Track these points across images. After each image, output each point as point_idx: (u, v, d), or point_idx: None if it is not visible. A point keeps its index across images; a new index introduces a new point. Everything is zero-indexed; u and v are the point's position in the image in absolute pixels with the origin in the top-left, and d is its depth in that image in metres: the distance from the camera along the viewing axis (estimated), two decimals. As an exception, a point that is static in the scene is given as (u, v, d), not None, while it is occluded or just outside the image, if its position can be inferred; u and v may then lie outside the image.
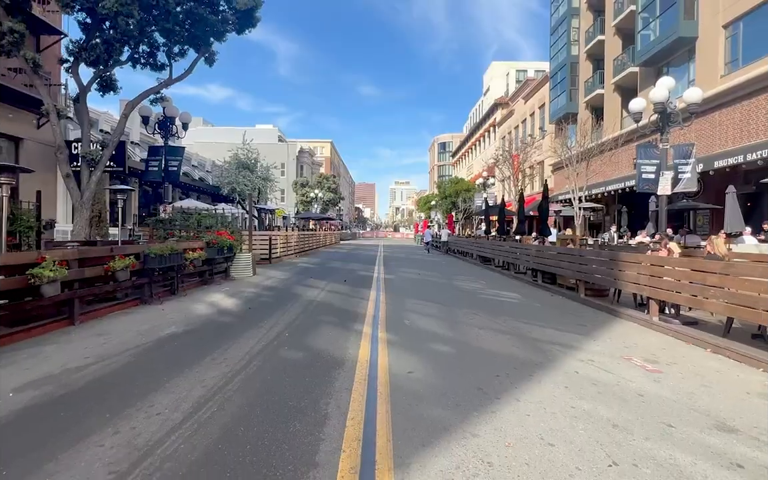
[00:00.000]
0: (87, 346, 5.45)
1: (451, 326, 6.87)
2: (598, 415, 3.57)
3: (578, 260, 10.00)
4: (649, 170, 12.52)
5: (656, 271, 7.14)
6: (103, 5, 10.84)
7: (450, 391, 4.06)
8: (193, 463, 2.74)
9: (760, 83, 14.86)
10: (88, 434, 3.10)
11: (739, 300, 5.50)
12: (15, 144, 16.03)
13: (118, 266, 7.38)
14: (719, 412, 3.68)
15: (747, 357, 5.20)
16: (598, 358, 5.24)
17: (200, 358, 4.92)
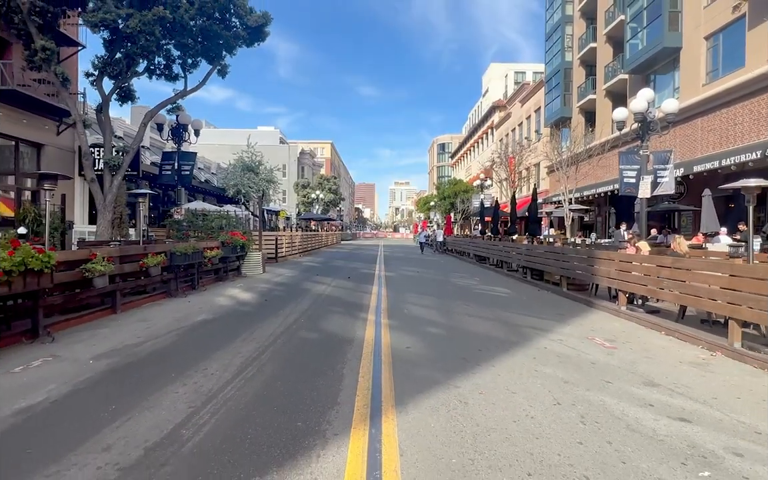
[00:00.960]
0: (135, 329, 6.44)
1: (444, 314, 7.87)
2: (554, 375, 4.57)
3: (561, 258, 11.00)
4: (630, 175, 13.53)
5: (624, 266, 8.15)
6: (128, 25, 11.84)
7: (439, 359, 5.06)
8: (247, 402, 3.73)
9: (737, 93, 15.87)
10: (163, 386, 4.09)
11: (686, 290, 6.49)
12: (37, 150, 17.03)
13: (151, 263, 8.38)
14: (650, 374, 4.68)
15: (691, 337, 6.19)
16: (566, 338, 6.24)
17: (233, 338, 5.91)
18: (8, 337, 5.52)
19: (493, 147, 44.44)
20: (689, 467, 2.79)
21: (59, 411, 3.56)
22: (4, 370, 4.53)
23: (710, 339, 5.90)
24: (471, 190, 43.10)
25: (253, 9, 14.16)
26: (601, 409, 3.72)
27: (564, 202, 18.65)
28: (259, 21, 13.96)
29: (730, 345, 5.48)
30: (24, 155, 16.68)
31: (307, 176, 63.27)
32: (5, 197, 16.12)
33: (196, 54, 14.50)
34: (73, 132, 18.25)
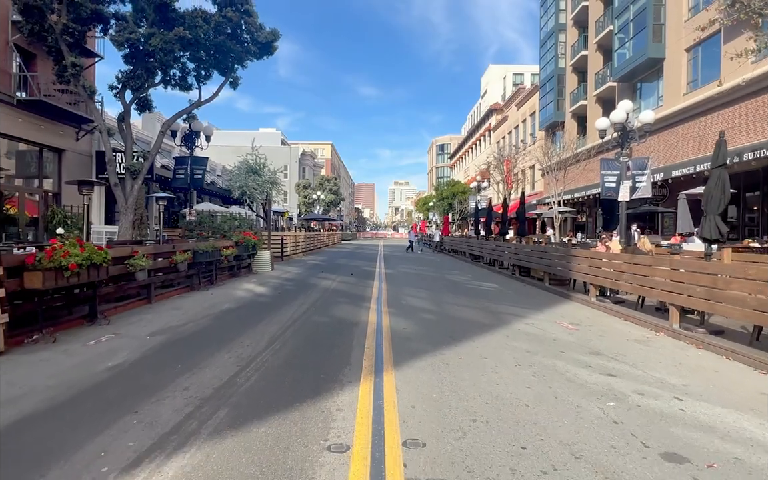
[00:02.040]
0: (173, 315, 7.59)
1: (437, 304, 9.02)
2: (520, 348, 5.72)
3: (544, 256, 12.15)
4: (611, 180, 14.72)
5: (594, 263, 9.30)
6: (150, 43, 12.97)
7: (429, 336, 6.21)
8: (280, 364, 4.87)
9: (713, 103, 17.05)
10: (212, 354, 5.23)
11: (642, 282, 7.64)
12: (58, 155, 18.18)
13: (179, 259, 9.53)
14: (599, 347, 5.83)
15: (644, 321, 7.34)
16: (538, 322, 7.39)
17: (257, 322, 7.06)
18: (71, 321, 6.66)
19: (491, 149, 45.58)
20: (602, 400, 3.94)
21: (140, 367, 4.72)
22: (81, 343, 5.67)
23: (657, 322, 7.05)
24: (468, 192, 44.26)
25: (263, 25, 15.29)
26: (551, 368, 4.87)
27: (553, 204, 19.80)
28: (269, 37, 15.09)
29: (671, 326, 6.64)
30: (47, 160, 17.82)
31: (308, 177, 64.38)
32: (29, 200, 17.25)
33: (209, 66, 15.60)
34: (90, 138, 19.42)
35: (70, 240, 6.30)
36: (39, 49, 15.96)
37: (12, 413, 3.52)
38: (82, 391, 4.02)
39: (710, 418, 3.60)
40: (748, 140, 15.42)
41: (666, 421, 3.53)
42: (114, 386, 4.17)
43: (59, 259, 5.77)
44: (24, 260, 5.60)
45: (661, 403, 3.92)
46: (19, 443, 3.05)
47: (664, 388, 4.32)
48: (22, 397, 3.84)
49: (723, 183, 6.29)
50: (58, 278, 5.79)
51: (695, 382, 4.52)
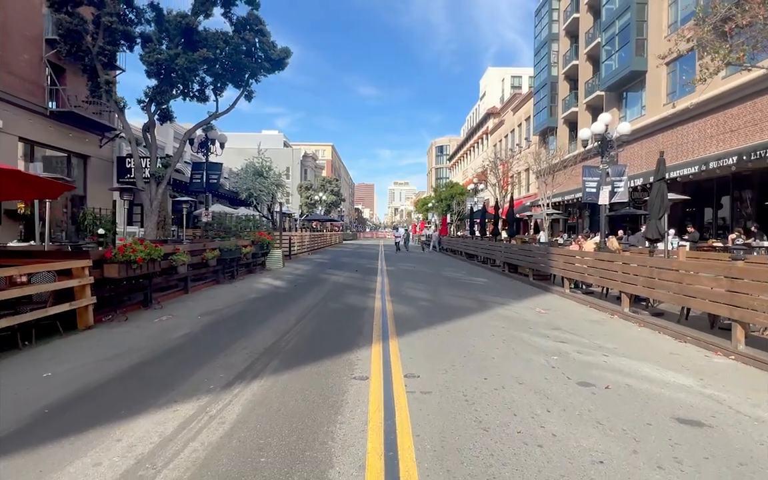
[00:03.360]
0: (209, 302, 9.05)
1: (432, 295, 10.50)
2: (497, 325, 7.18)
3: (529, 254, 13.63)
4: (592, 185, 16.14)
5: (568, 260, 10.78)
6: (176, 63, 14.42)
7: (425, 317, 7.68)
8: (308, 335, 6.34)
9: (688, 114, 18.54)
10: (253, 328, 6.70)
11: (603, 275, 9.11)
12: (84, 160, 19.62)
13: (209, 256, 10.99)
14: (560, 325, 7.30)
15: (604, 307, 8.81)
16: (516, 308, 8.86)
17: (282, 307, 8.53)
18: (132, 305, 8.12)
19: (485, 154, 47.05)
20: (548, 356, 5.40)
21: (203, 336, 6.19)
22: (148, 321, 7.14)
23: (614, 308, 8.53)
24: (466, 193, 45.74)
25: (275, 43, 16.77)
26: (517, 338, 6.34)
27: (542, 206, 21.28)
28: (281, 54, 16.56)
29: (623, 310, 8.11)
30: (74, 166, 19.27)
31: (310, 178, 65.82)
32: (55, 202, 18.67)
33: (225, 80, 17.06)
34: (111, 145, 20.87)
35: (134, 239, 7.76)
36: (68, 64, 17.44)
37: (130, 360, 4.99)
38: (169, 350, 5.49)
39: (622, 366, 5.07)
40: (718, 149, 16.90)
41: (590, 367, 5.01)
42: (191, 347, 5.64)
43: (129, 254, 7.23)
44: (104, 255, 7.07)
45: (592, 358, 5.39)
46: (146, 375, 4.52)
47: (598, 349, 5.79)
48: (129, 352, 5.31)
49: (662, 194, 7.77)
50: (128, 270, 7.26)
51: (624, 346, 6.00)
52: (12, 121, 15.53)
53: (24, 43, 16.03)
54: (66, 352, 5.32)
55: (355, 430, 3.29)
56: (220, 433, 3.23)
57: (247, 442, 3.10)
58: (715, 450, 3.10)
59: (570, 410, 3.74)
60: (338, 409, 3.69)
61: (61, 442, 3.08)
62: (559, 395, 4.09)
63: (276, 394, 4.03)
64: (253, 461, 2.84)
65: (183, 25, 14.40)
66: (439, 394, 4.07)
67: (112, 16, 13.55)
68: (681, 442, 3.20)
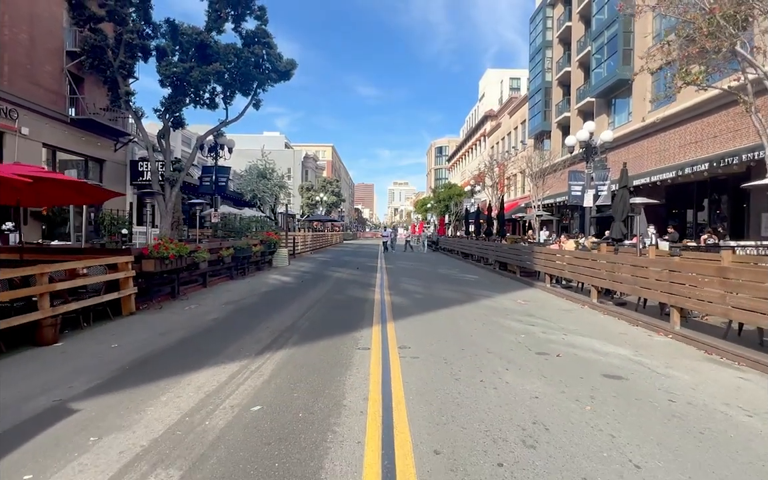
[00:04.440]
0: (228, 294, 10.20)
1: (427, 288, 11.66)
2: (480, 313, 8.34)
3: (517, 253, 14.79)
4: (577, 189, 17.31)
5: (549, 258, 11.94)
6: (191, 75, 15.57)
7: (418, 306, 8.84)
8: (319, 319, 7.50)
9: (669, 122, 19.70)
10: (271, 314, 7.85)
11: (577, 271, 10.26)
12: (99, 164, 20.76)
13: (225, 254, 12.14)
14: (534, 313, 8.46)
15: (576, 299, 9.97)
16: (500, 300, 10.03)
17: (293, 299, 9.68)
18: (161, 296, 9.27)
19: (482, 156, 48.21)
20: (517, 335, 6.56)
21: (231, 319, 7.34)
22: (180, 309, 8.30)
23: (585, 299, 9.69)
24: (464, 194, 46.92)
25: (281, 55, 17.91)
26: (495, 322, 7.50)
27: (533, 208, 22.46)
28: (287, 66, 17.72)
29: (591, 301, 9.28)
30: (90, 169, 20.41)
31: (311, 179, 66.95)
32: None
33: (234, 90, 18.21)
34: (124, 149, 22.01)
35: (165, 238, 8.91)
36: (86, 74, 18.56)
37: (176, 336, 6.15)
38: (205, 329, 6.65)
39: (576, 342, 6.23)
40: (696, 155, 18.06)
41: (549, 342, 6.17)
42: (222, 327, 6.80)
43: (163, 251, 8.39)
44: (142, 251, 8.22)
45: (554, 336, 6.56)
46: (193, 346, 5.68)
47: (561, 330, 6.96)
48: (174, 330, 6.48)
49: (624, 199, 8.94)
50: (161, 265, 8.42)
51: (583, 329, 7.16)
52: (36, 128, 16.67)
53: (47, 55, 17.16)
54: (122, 331, 6.47)
55: (361, 379, 4.45)
56: (261, 380, 4.39)
57: (283, 385, 4.26)
58: (623, 392, 4.26)
59: (524, 369, 4.90)
60: (347, 366, 4.85)
61: (147, 385, 4.24)
62: (519, 360, 5.25)
63: (299, 357, 5.19)
64: (288, 395, 4.00)
65: (197, 41, 15.55)
66: (425, 358, 5.23)
67: (133, 33, 14.69)
68: (599, 387, 4.37)
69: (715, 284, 5.80)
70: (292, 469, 2.76)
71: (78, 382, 4.30)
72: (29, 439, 3.11)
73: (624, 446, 3.14)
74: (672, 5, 10.06)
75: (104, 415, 3.52)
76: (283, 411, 3.64)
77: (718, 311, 5.79)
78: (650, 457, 2.99)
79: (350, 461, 2.86)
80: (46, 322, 5.60)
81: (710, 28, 8.84)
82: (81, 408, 3.67)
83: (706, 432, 3.42)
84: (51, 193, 6.91)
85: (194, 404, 3.78)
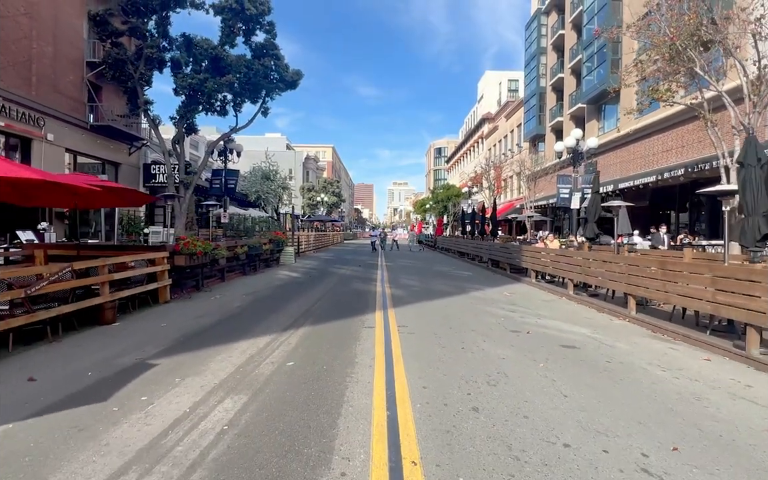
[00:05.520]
0: (245, 287, 11.40)
1: (423, 283, 12.88)
2: (469, 302, 9.56)
3: (507, 252, 16.02)
4: (565, 191, 18.54)
5: (534, 255, 13.17)
6: (205, 86, 16.77)
7: (415, 297, 10.05)
8: (328, 306, 8.71)
9: (651, 129, 20.96)
10: (285, 303, 9.06)
11: (558, 267, 11.48)
12: (115, 167, 21.93)
13: (240, 251, 13.34)
14: (517, 302, 9.67)
15: (556, 292, 11.18)
16: (488, 292, 11.24)
17: (303, 291, 10.89)
18: (187, 289, 10.46)
19: (481, 157, 49.42)
20: (498, 318, 7.77)
21: (254, 306, 8.55)
22: (206, 299, 9.50)
23: (563, 292, 10.91)
24: (461, 195, 48.15)
25: (288, 66, 19.13)
26: (481, 309, 8.71)
27: (526, 209, 23.70)
28: (294, 76, 18.94)
29: (568, 293, 10.50)
30: (107, 172, 21.58)
31: (312, 180, 68.15)
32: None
33: (244, 98, 19.41)
34: (138, 153, 23.17)
35: (193, 237, 10.11)
36: (104, 83, 19.74)
37: (211, 319, 7.36)
38: (233, 314, 7.86)
39: (546, 323, 7.45)
40: (677, 160, 19.29)
41: (524, 324, 7.38)
42: (248, 312, 8.01)
43: (192, 248, 9.59)
44: (174, 248, 9.43)
45: (529, 319, 7.77)
46: (228, 326, 6.89)
47: (537, 315, 8.17)
48: (208, 314, 7.68)
49: (596, 203, 10.15)
50: (190, 260, 9.62)
51: (555, 314, 8.38)
52: (60, 134, 17.85)
53: (70, 66, 18.34)
54: (163, 314, 7.68)
55: (368, 347, 5.66)
56: (290, 347, 5.61)
57: (307, 350, 5.48)
58: (572, 356, 5.47)
59: (498, 341, 6.12)
60: (357, 339, 6.07)
61: (202, 350, 5.44)
62: (495, 335, 6.47)
63: (317, 333, 6.41)
64: (313, 356, 5.21)
65: (212, 54, 16.76)
66: (419, 333, 6.45)
67: (152, 47, 15.89)
68: (555, 353, 5.59)
69: (659, 276, 7.03)
70: (324, 395, 3.97)
71: (147, 348, 5.50)
72: (132, 379, 4.32)
73: (560, 386, 4.36)
74: (640, 32, 11.25)
75: (179, 367, 4.73)
76: (311, 365, 4.86)
77: (660, 297, 7.02)
78: (576, 391, 4.21)
79: (364, 392, 4.07)
80: (107, 305, 6.81)
81: (671, 53, 10.07)
82: (159, 363, 4.87)
83: (625, 379, 4.63)
84: (102, 198, 8.09)
85: (243, 361, 4.99)
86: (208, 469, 2.73)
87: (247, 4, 16.33)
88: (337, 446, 3.04)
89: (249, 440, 3.10)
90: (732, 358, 5.48)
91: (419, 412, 3.62)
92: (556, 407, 3.81)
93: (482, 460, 2.89)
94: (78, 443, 3.03)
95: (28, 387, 4.12)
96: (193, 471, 2.70)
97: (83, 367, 4.70)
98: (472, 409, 3.72)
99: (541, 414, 3.65)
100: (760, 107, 9.00)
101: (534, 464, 2.85)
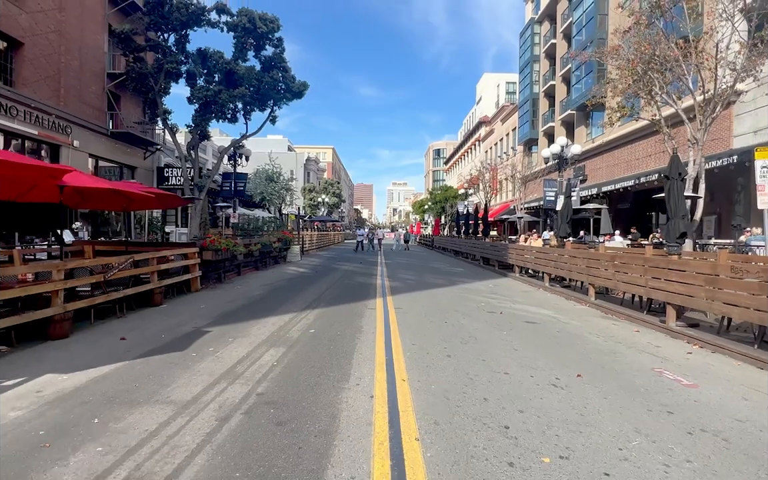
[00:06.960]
0: (259, 280, 12.89)
1: (418, 277, 14.38)
2: (457, 292, 11.05)
3: (496, 250, 17.53)
4: (551, 194, 20.05)
5: (519, 251, 14.68)
6: (219, 97, 18.25)
7: (410, 288, 11.55)
8: (336, 295, 10.20)
9: (633, 136, 22.48)
10: (299, 292, 10.55)
11: (538, 262, 12.98)
12: (132, 171, 23.39)
13: (254, 249, 14.83)
14: (498, 292, 11.17)
15: (536, 285, 12.68)
16: (475, 284, 12.74)
17: (312, 283, 12.38)
18: (210, 281, 11.95)
19: (477, 160, 50.96)
20: (480, 304, 9.27)
21: (272, 294, 10.04)
22: (229, 289, 10.99)
23: (541, 284, 12.41)
24: (458, 197, 49.68)
25: (295, 77, 20.62)
26: (466, 297, 10.21)
27: (517, 210, 25.21)
28: (300, 88, 20.43)
29: (545, 285, 12.00)
30: (125, 175, 23.05)
31: (312, 181, 69.63)
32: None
33: (253, 107, 20.87)
34: (152, 157, 24.64)
35: (216, 235, 11.60)
36: (122, 92, 21.22)
37: (238, 303, 8.85)
38: (256, 300, 9.35)
39: (519, 307, 8.95)
40: (656, 166, 20.80)
41: (500, 307, 8.88)
42: (269, 298, 9.50)
43: (217, 245, 11.08)
44: (202, 244, 10.92)
45: (505, 304, 9.27)
46: (254, 308, 8.37)
47: (512, 301, 9.67)
48: (235, 300, 9.18)
49: (568, 207, 11.66)
50: (216, 255, 11.11)
51: (530, 300, 9.88)
52: (84, 140, 19.33)
53: (93, 78, 19.82)
54: (199, 300, 9.17)
55: (371, 322, 7.16)
56: (309, 322, 7.10)
57: (323, 323, 6.98)
58: (532, 329, 6.97)
59: (474, 318, 7.62)
60: (361, 316, 7.57)
61: (241, 322, 6.94)
62: (474, 315, 7.98)
63: (329, 312, 7.91)
64: (328, 328, 6.71)
65: (225, 68, 18.24)
66: (412, 313, 7.95)
67: (173, 63, 17.38)
68: (518, 326, 7.09)
69: (610, 267, 8.54)
70: (340, 350, 5.47)
71: (197, 321, 7.00)
72: (196, 340, 5.81)
73: (515, 345, 5.86)
74: (610, 55, 12.77)
75: (228, 333, 6.23)
76: (327, 332, 6.36)
77: (611, 284, 8.53)
78: (525, 348, 5.71)
79: (369, 346, 5.57)
80: (157, 290, 8.30)
81: (633, 76, 11.59)
82: (211, 330, 6.37)
83: (566, 343, 6.14)
84: (150, 202, 9.57)
85: (276, 329, 6.49)
86: (270, 381, 4.23)
87: (258, 23, 17.81)
88: (352, 373, 4.54)
89: (292, 370, 4.61)
90: (657, 330, 6.99)
91: (408, 358, 5.12)
92: (506, 356, 5.31)
93: (449, 379, 4.39)
94: (178, 371, 4.53)
95: (123, 344, 5.61)
96: (260, 384, 4.20)
97: (156, 332, 6.20)
98: (447, 356, 5.22)
99: (495, 359, 5.16)
100: (705, 125, 10.52)
101: (482, 382, 4.36)
